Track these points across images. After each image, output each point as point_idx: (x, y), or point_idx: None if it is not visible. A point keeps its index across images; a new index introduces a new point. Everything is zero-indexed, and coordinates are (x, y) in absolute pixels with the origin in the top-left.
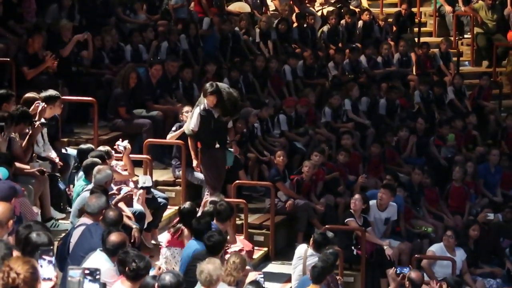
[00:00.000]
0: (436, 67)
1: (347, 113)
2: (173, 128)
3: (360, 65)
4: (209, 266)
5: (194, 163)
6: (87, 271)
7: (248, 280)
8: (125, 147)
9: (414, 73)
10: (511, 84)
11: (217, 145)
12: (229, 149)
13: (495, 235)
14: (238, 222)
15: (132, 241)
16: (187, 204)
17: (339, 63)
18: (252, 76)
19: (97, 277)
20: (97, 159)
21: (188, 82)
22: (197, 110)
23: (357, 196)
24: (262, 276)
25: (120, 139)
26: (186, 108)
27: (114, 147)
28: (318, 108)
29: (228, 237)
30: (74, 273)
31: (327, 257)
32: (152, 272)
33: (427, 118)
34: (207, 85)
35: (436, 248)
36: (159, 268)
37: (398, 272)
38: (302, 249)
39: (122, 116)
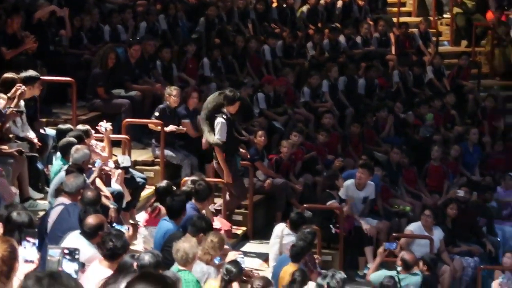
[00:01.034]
0: (415, 47)
1: (325, 96)
2: (156, 114)
3: (339, 45)
4: (185, 245)
5: (229, 178)
6: (66, 251)
7: (227, 259)
8: (106, 128)
9: (393, 53)
10: (490, 64)
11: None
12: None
13: (473, 214)
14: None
15: (109, 221)
16: (163, 183)
17: (318, 43)
18: (231, 56)
19: (76, 256)
20: (73, 139)
21: (167, 62)
22: (220, 120)
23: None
24: (242, 256)
25: (104, 120)
26: (174, 92)
27: (97, 127)
28: (297, 88)
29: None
30: (53, 253)
31: (305, 236)
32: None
33: (406, 98)
34: (229, 92)
35: (414, 227)
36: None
37: (386, 247)
38: (279, 229)
39: (100, 96)
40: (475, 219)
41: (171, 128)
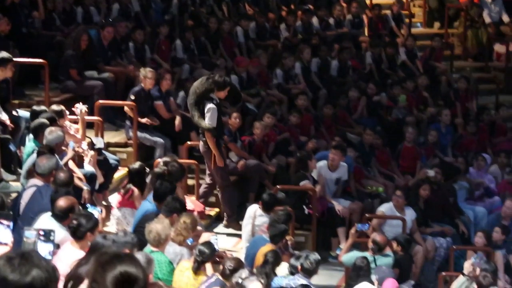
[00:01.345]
0: (388, 29)
1: (298, 78)
2: (132, 97)
3: (312, 26)
4: (157, 226)
5: (221, 161)
6: (41, 232)
7: (201, 241)
8: (81, 110)
9: (366, 34)
10: (462, 46)
11: None
12: None
13: (445, 195)
14: (190, 182)
15: (82, 202)
16: (136, 164)
17: (291, 25)
18: (204, 37)
19: (51, 238)
20: (45, 120)
21: (139, 44)
22: (211, 105)
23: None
24: (216, 237)
25: (80, 103)
26: (150, 74)
27: (73, 108)
28: (270, 69)
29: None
30: (29, 234)
31: (279, 217)
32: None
33: (379, 80)
34: (218, 78)
35: (385, 208)
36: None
37: (358, 229)
38: (252, 210)
39: (73, 78)
40: (448, 199)
41: (145, 120)
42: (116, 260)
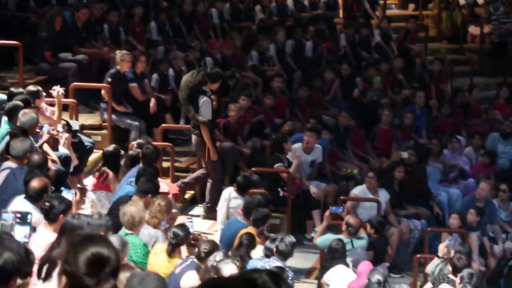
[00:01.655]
0: (363, 10)
1: (273, 60)
2: (108, 79)
3: (287, 8)
4: (131, 208)
5: (215, 155)
6: (18, 215)
7: (176, 223)
8: (58, 92)
9: (340, 16)
10: (437, 27)
11: None
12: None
13: (420, 177)
14: (165, 165)
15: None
16: (110, 147)
17: (266, 7)
18: (179, 19)
19: (28, 220)
20: (19, 102)
21: (114, 25)
22: (205, 98)
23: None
24: (191, 220)
25: (58, 85)
26: (127, 57)
27: (50, 90)
28: (244, 51)
29: None
30: (7, 217)
31: (259, 201)
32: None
33: (353, 62)
34: (211, 70)
35: (358, 190)
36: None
37: (333, 211)
38: (227, 192)
39: (47, 60)
40: (422, 182)
41: (121, 109)
42: (88, 241)
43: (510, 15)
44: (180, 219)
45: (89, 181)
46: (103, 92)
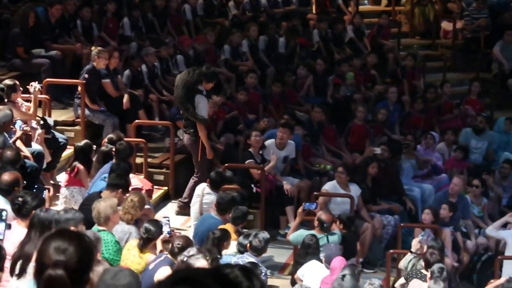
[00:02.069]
0: (336, 6)
1: (246, 56)
2: (85, 75)
3: (260, 4)
4: (100, 204)
5: (211, 153)
6: None
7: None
8: (35, 88)
9: (313, 12)
10: (409, 23)
11: None
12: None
13: (393, 173)
14: (138, 161)
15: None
16: (81, 142)
17: (239, 2)
18: (152, 15)
19: (3, 217)
20: None
21: (87, 21)
22: (202, 98)
23: (256, 132)
24: (168, 219)
25: (36, 82)
26: (103, 54)
27: (27, 86)
28: (218, 47)
29: None
30: None
31: (226, 195)
32: None
33: (326, 57)
34: (206, 69)
35: (329, 186)
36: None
37: (306, 207)
38: (200, 188)
39: (20, 55)
40: (396, 177)
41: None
42: (53, 235)
43: (482, 11)
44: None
45: (62, 178)
46: (80, 88)
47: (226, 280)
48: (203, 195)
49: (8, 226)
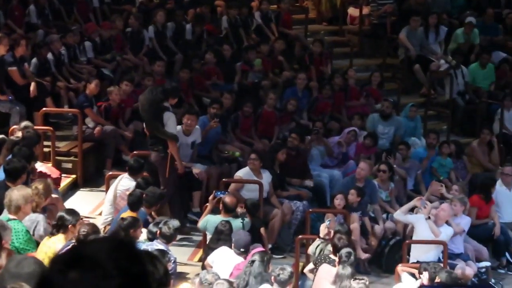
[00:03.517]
0: None
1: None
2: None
3: None
4: (12, 193)
5: (182, 167)
6: None
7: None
8: None
9: None
10: (316, 9)
11: None
12: None
13: (302, 159)
14: (46, 149)
15: None
16: None
17: None
18: (59, 2)
19: None
20: None
21: None
22: (170, 114)
23: None
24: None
25: None
26: (4, 41)
27: None
28: (125, 34)
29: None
30: None
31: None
32: None
33: (233, 44)
34: (169, 86)
35: (243, 173)
36: None
37: (216, 195)
38: (119, 177)
39: None
40: (305, 163)
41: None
42: None
43: None
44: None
45: None
46: None
47: (129, 256)
48: (119, 182)
49: None
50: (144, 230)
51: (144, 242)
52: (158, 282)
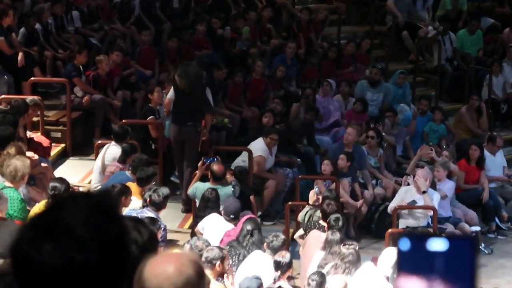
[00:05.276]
0: None
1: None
2: None
3: None
4: (17, 162)
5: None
6: None
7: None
8: None
9: None
10: None
11: None
12: None
13: (290, 126)
14: (35, 119)
15: None
16: None
17: None
18: None
19: None
20: None
21: None
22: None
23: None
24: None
25: None
26: None
27: None
28: (114, 4)
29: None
30: None
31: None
32: None
33: (221, 14)
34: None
35: (260, 147)
36: None
37: (205, 161)
38: (106, 146)
39: None
40: (293, 130)
41: None
42: None
43: None
44: None
45: None
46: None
47: (107, 221)
48: (106, 149)
49: None
50: (135, 198)
51: (134, 209)
52: (142, 247)
